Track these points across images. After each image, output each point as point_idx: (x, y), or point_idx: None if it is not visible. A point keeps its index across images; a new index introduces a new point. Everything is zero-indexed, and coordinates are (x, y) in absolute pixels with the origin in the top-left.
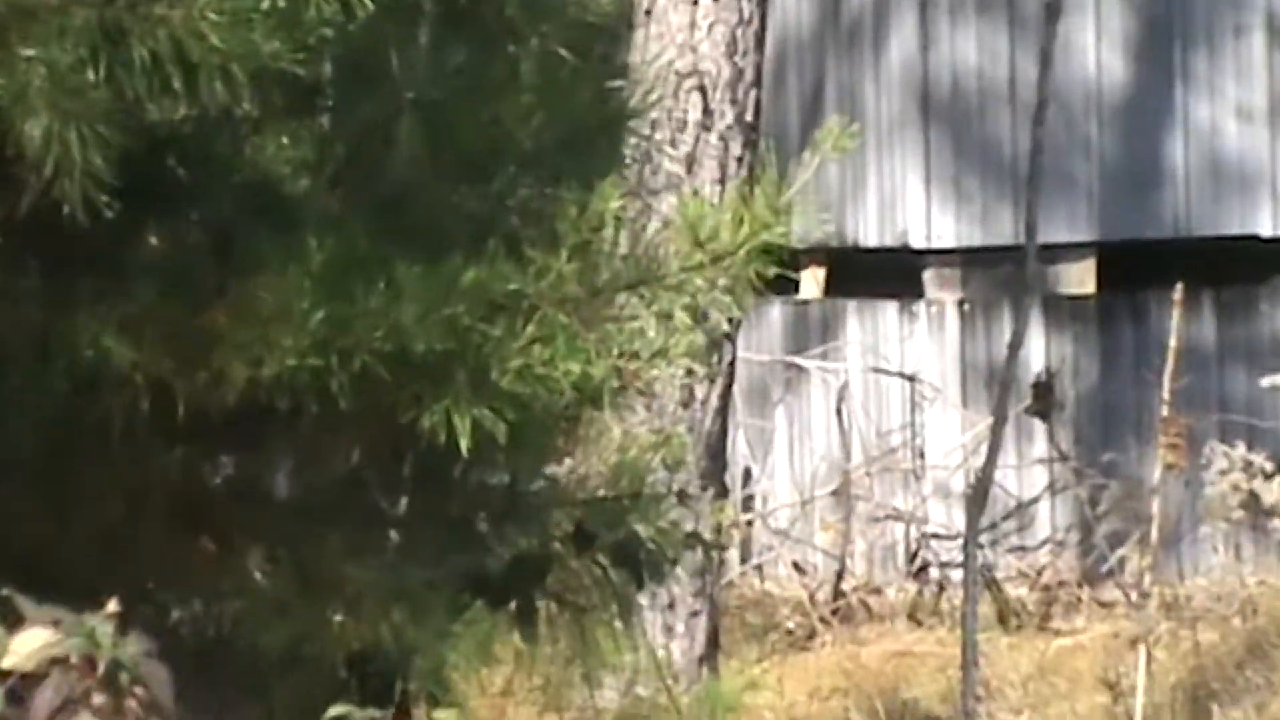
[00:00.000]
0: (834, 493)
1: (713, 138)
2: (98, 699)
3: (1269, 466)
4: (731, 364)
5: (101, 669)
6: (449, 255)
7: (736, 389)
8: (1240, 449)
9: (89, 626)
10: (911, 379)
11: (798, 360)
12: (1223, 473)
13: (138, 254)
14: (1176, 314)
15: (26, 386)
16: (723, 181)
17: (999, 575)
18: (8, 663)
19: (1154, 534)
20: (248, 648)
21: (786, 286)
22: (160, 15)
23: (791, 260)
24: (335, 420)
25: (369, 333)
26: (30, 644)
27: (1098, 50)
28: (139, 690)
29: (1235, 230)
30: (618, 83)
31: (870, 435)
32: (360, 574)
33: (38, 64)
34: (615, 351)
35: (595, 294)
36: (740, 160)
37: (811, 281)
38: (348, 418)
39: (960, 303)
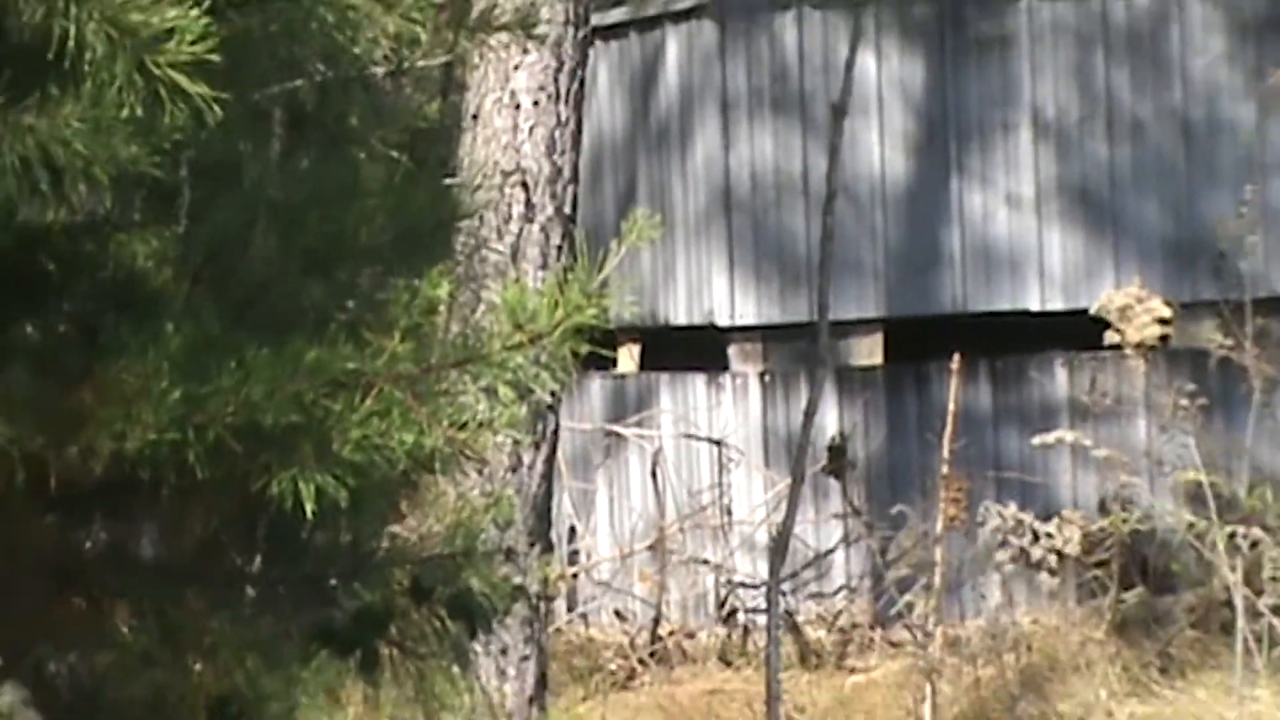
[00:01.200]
0: (650, 547)
1: (534, 229)
2: None
3: (1037, 525)
4: (555, 432)
5: None
6: (294, 339)
7: (560, 455)
8: (1012, 507)
9: None
10: (719, 443)
11: (616, 429)
12: (996, 530)
13: (10, 340)
14: (955, 382)
15: None
16: (544, 268)
17: (799, 619)
18: None
19: (937, 580)
20: (116, 697)
21: (605, 362)
22: (28, 123)
23: (608, 339)
24: (193, 488)
25: (222, 409)
26: None
27: (881, 147)
28: None
29: (1007, 306)
30: (449, 183)
31: (682, 495)
32: (218, 628)
33: None
34: (446, 423)
35: (426, 371)
36: (560, 249)
37: (627, 357)
38: (205, 486)
39: (761, 374)
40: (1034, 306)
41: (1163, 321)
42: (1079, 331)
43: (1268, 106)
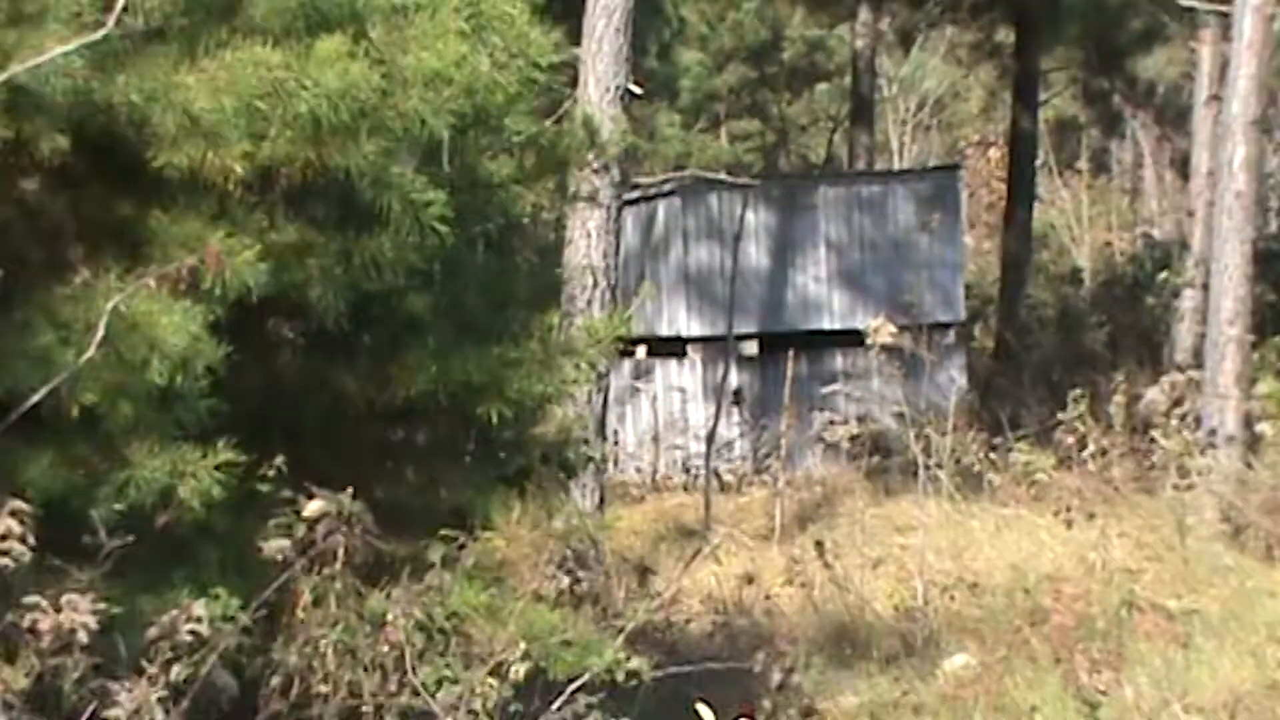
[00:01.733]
0: (654, 439)
1: (597, 291)
2: (343, 531)
3: (831, 427)
4: (607, 385)
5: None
6: (489, 342)
7: (609, 396)
8: (819, 418)
9: (339, 499)
10: (682, 391)
11: (636, 384)
12: (814, 428)
13: (364, 344)
14: (790, 362)
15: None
16: (601, 309)
17: (720, 471)
18: (307, 513)
19: (783, 452)
20: (409, 506)
21: (629, 352)
22: (367, 244)
23: (630, 343)
24: (442, 411)
25: (455, 375)
26: (315, 506)
27: (757, 254)
28: (360, 526)
29: (815, 326)
30: (558, 270)
31: (665, 416)
32: (457, 474)
33: None
34: (558, 380)
35: (548, 357)
36: (608, 301)
37: (641, 350)
38: (448, 410)
39: (703, 359)
40: (827, 327)
41: (890, 334)
42: (849, 339)
43: (931, 234)
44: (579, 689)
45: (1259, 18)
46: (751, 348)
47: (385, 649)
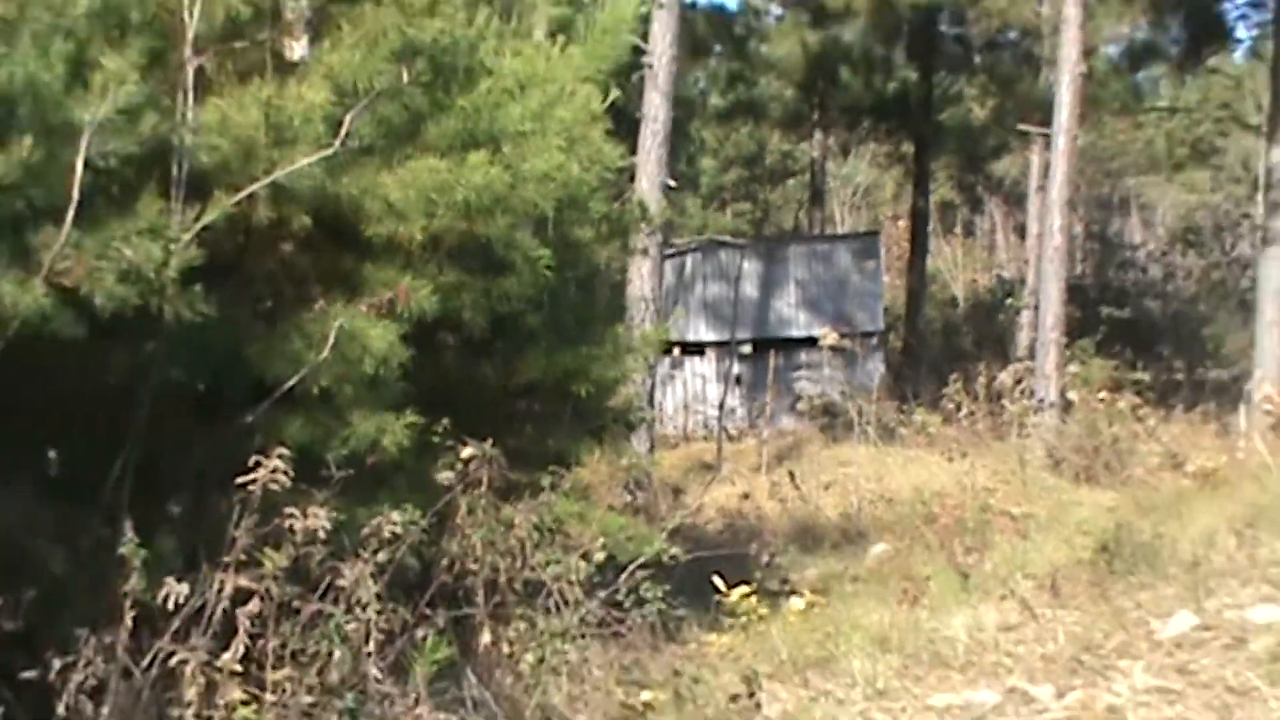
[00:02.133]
0: (685, 407)
1: (649, 312)
2: (486, 467)
3: (803, 399)
4: (654, 371)
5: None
6: (577, 346)
7: (655, 379)
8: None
9: (483, 446)
10: (702, 377)
11: (672, 372)
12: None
13: (497, 346)
14: (773, 358)
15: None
16: (653, 324)
17: (728, 427)
18: (463, 455)
19: (768, 414)
20: (525, 450)
21: (670, 351)
22: (495, 285)
23: (669, 345)
24: (548, 390)
25: (557, 368)
26: (468, 451)
27: (749, 288)
28: (496, 464)
29: (787, 334)
30: (621, 300)
31: (692, 393)
32: (553, 432)
33: None
34: (622, 371)
35: (616, 355)
36: (657, 317)
37: (677, 350)
38: (552, 388)
39: (717, 356)
40: (796, 335)
41: (835, 339)
42: (809, 343)
43: (861, 275)
44: (638, 567)
45: (1068, 138)
46: (747, 349)
47: (513, 542)
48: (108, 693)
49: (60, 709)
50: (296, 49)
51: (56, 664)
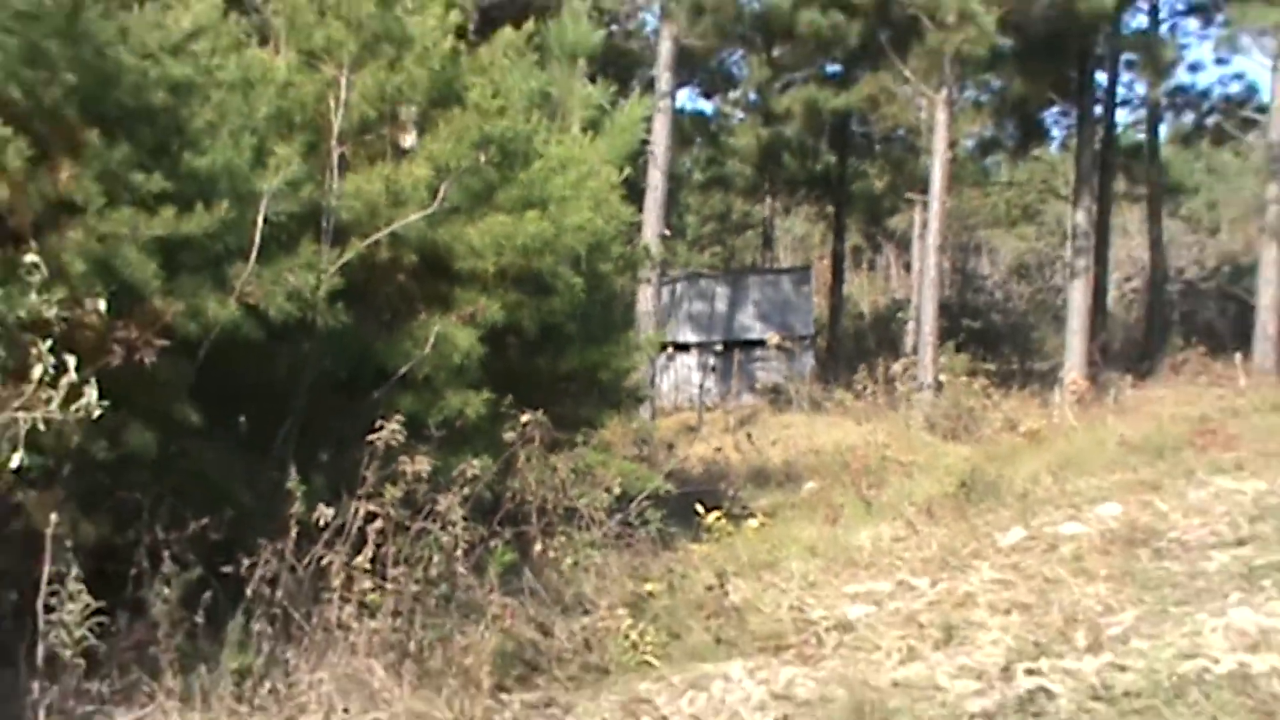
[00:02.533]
0: (675, 389)
1: (651, 321)
2: (538, 429)
3: (758, 385)
4: (655, 363)
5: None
6: (601, 345)
7: (654, 368)
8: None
9: (536, 415)
10: (689, 368)
11: (666, 362)
12: (754, 383)
13: (544, 345)
14: (738, 354)
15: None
16: (655, 330)
17: (706, 402)
18: (523, 420)
19: (732, 393)
20: (562, 415)
21: (665, 350)
22: (539, 304)
23: (663, 346)
24: (579, 377)
25: (585, 361)
26: (526, 418)
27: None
28: (545, 427)
29: (746, 337)
30: (634, 311)
31: (681, 378)
32: (584, 405)
33: None
34: (632, 362)
35: (627, 351)
36: (658, 326)
37: (670, 348)
38: (583, 375)
39: (699, 354)
40: (753, 338)
41: (780, 342)
42: (762, 344)
43: (799, 296)
44: (643, 499)
45: (939, 203)
46: (719, 348)
47: (557, 481)
48: (279, 583)
49: (248, 592)
50: (408, 140)
51: (245, 563)
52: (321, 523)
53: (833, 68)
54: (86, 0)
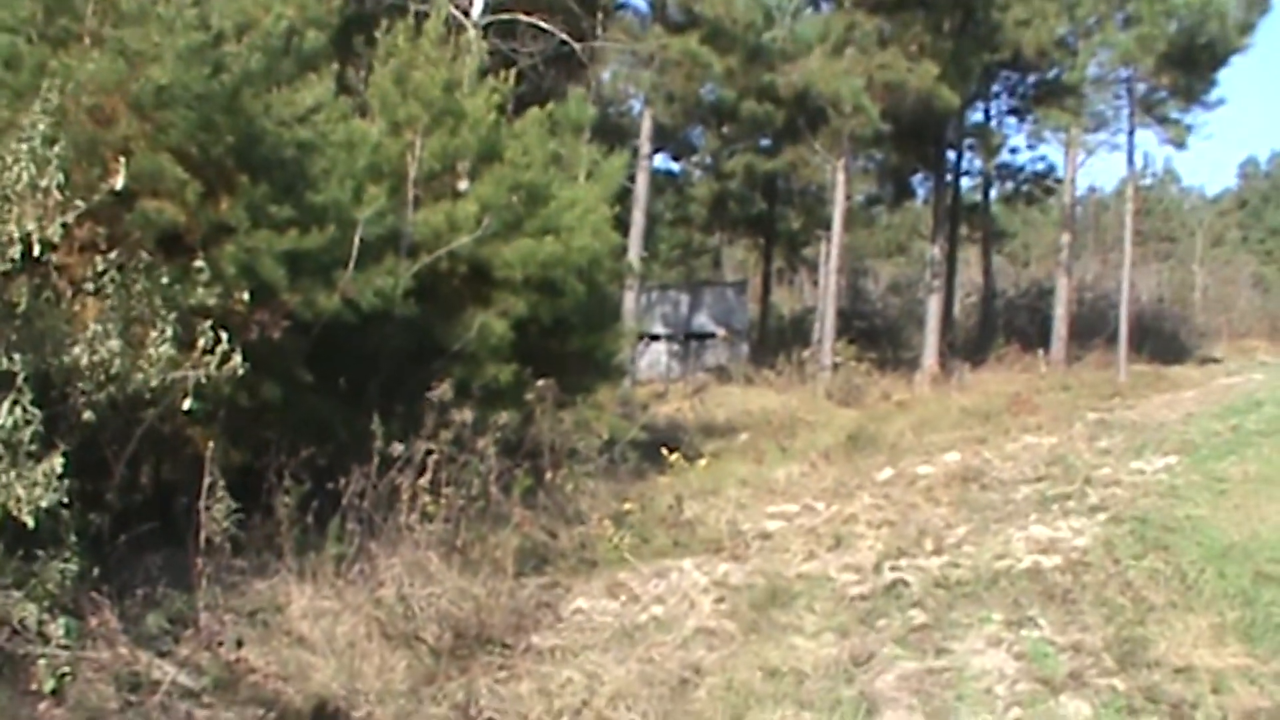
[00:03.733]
0: (649, 366)
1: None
2: (549, 392)
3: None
4: (635, 348)
5: (549, 387)
6: (598, 333)
7: (634, 351)
8: (707, 359)
9: (549, 381)
10: (661, 353)
11: (642, 349)
12: (705, 365)
13: (549, 338)
14: (693, 343)
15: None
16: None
17: (670, 377)
18: (539, 384)
19: (691, 372)
20: (571, 383)
21: (643, 338)
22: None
23: (640, 337)
24: (577, 356)
25: (584, 345)
26: (540, 383)
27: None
28: (554, 390)
29: (702, 330)
30: (622, 308)
31: (654, 359)
32: (585, 377)
33: None
34: (616, 347)
35: (616, 339)
36: (637, 322)
37: (647, 338)
38: (580, 354)
39: (668, 343)
40: (707, 331)
41: (726, 334)
42: (713, 336)
43: (739, 304)
44: (625, 443)
45: (839, 239)
46: (681, 338)
47: (563, 429)
48: (365, 496)
49: (343, 502)
50: (462, 185)
51: (342, 481)
52: (395, 454)
53: (765, 141)
54: (242, 86)
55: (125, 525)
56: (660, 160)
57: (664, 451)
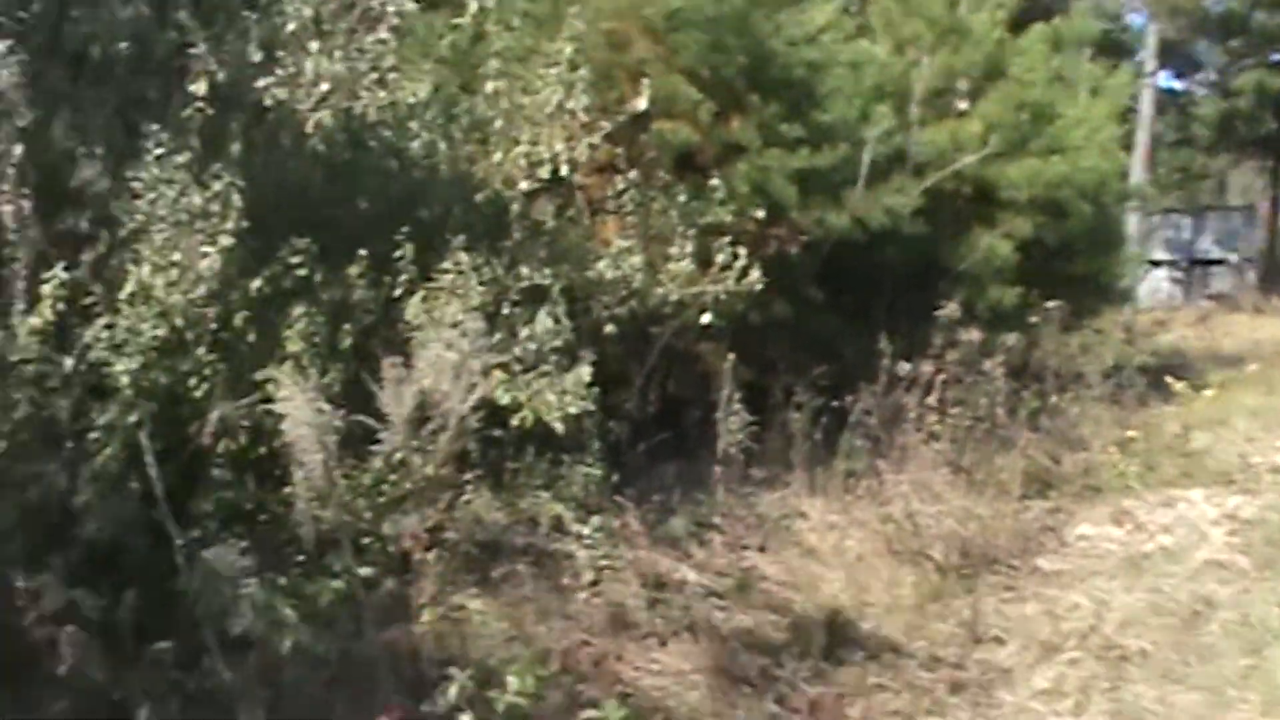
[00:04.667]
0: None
1: None
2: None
3: None
4: None
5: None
6: None
7: None
8: None
9: (1058, 303)
10: None
11: None
12: None
13: None
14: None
15: None
16: None
17: (1172, 304)
18: (1046, 306)
19: (1193, 297)
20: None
21: None
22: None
23: None
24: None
25: None
26: (1049, 304)
27: None
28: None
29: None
30: None
31: None
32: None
33: None
34: (1117, 270)
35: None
36: None
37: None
38: (1088, 278)
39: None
40: (1211, 257)
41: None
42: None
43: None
44: (1130, 369)
45: None
46: (1184, 264)
47: (1068, 353)
48: (872, 414)
49: (850, 420)
50: (962, 105)
51: (849, 399)
52: (901, 374)
53: (1277, 56)
54: (752, 8)
55: (641, 435)
56: (1163, 79)
57: (1168, 380)
